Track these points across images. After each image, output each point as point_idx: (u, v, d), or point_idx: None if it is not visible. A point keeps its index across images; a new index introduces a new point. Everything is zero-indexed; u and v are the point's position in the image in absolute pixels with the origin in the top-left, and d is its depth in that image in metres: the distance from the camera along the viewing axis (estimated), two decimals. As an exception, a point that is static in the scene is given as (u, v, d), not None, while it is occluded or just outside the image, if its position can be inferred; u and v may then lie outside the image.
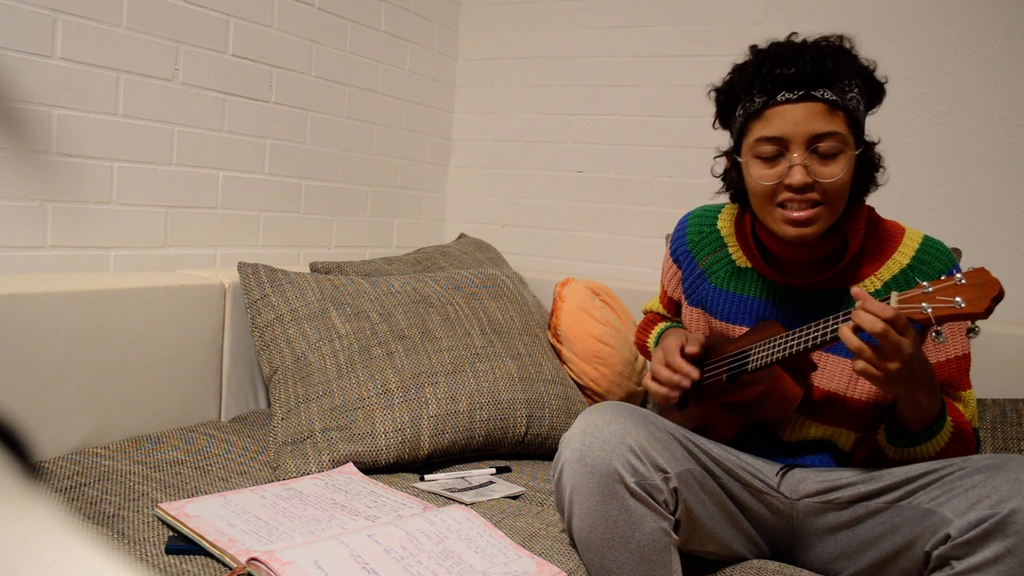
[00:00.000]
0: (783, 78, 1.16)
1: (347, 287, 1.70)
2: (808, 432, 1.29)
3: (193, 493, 1.27)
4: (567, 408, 1.72)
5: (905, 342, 1.03)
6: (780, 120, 1.17)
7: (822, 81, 1.15)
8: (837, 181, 1.16)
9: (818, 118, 1.15)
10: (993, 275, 1.00)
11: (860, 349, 1.05)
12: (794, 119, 1.16)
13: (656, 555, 1.12)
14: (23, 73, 1.46)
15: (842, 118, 1.16)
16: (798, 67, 1.15)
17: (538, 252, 2.56)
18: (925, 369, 1.09)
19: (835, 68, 1.16)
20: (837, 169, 1.16)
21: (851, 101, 1.17)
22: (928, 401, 1.11)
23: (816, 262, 1.28)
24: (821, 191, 1.17)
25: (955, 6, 2.01)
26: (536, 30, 2.54)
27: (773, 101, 1.17)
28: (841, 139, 1.16)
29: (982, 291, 0.99)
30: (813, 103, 1.15)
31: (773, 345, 1.20)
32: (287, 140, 2.05)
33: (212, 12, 1.81)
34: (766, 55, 1.20)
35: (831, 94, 1.15)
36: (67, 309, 1.38)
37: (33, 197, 1.50)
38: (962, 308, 0.99)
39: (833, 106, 1.15)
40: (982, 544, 0.99)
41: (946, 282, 1.02)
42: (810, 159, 1.16)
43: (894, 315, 1.02)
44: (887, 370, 1.04)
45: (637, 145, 2.40)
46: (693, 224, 1.45)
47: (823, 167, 1.16)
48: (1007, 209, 1.98)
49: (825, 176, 1.16)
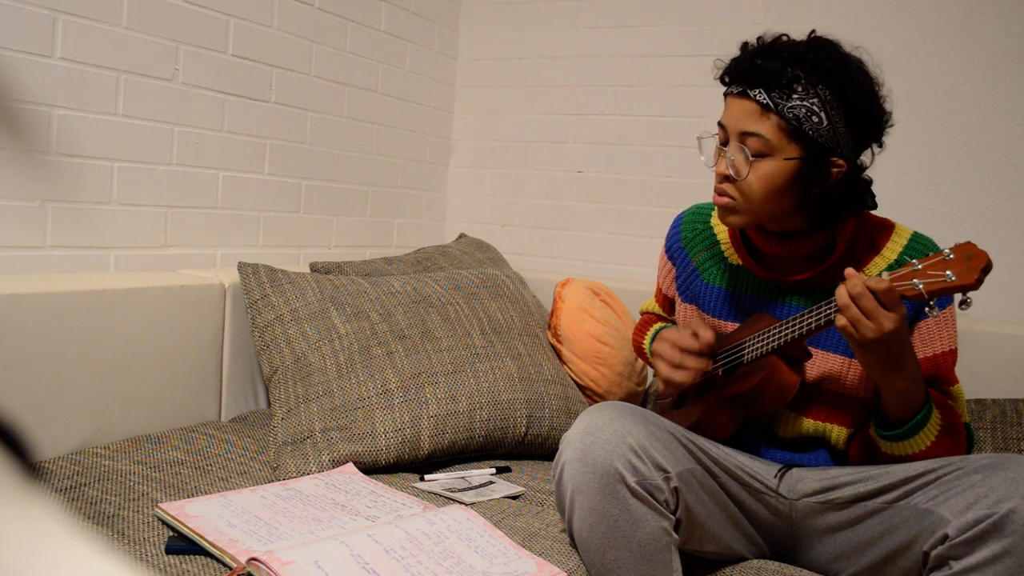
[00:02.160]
0: (735, 71, 1.23)
1: (347, 287, 1.70)
2: (802, 427, 1.30)
3: (193, 493, 1.27)
4: (567, 408, 1.72)
5: (887, 315, 1.05)
6: (725, 111, 1.24)
7: (760, 82, 1.18)
8: (751, 183, 1.20)
9: (748, 117, 1.19)
10: (980, 248, 1.01)
11: (847, 306, 1.07)
12: (732, 112, 1.22)
13: (657, 555, 1.12)
14: (23, 73, 1.46)
15: (775, 122, 1.17)
16: (741, 65, 1.21)
17: (538, 252, 2.56)
18: (904, 355, 1.11)
19: (777, 73, 1.16)
20: (753, 171, 1.20)
21: (795, 109, 1.16)
22: (905, 387, 1.12)
23: (804, 259, 1.29)
24: (737, 187, 1.22)
25: (955, 6, 2.01)
26: (536, 30, 2.54)
27: (727, 91, 1.24)
28: (764, 142, 1.18)
29: (971, 263, 1.01)
30: (746, 101, 1.20)
31: (768, 335, 1.22)
32: (287, 140, 2.05)
33: (212, 12, 1.81)
34: (742, 48, 1.26)
35: (764, 96, 1.17)
36: (67, 309, 1.38)
37: (33, 197, 1.50)
38: (953, 281, 1.01)
39: (765, 108, 1.17)
40: (980, 544, 0.99)
41: (935, 258, 1.04)
42: (738, 154, 1.21)
43: (886, 287, 1.05)
44: (863, 334, 1.07)
45: (637, 145, 2.40)
46: (687, 222, 1.47)
47: (744, 165, 1.20)
48: (1007, 209, 1.98)
49: (739, 174, 1.21)
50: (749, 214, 1.23)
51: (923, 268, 1.04)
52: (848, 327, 1.08)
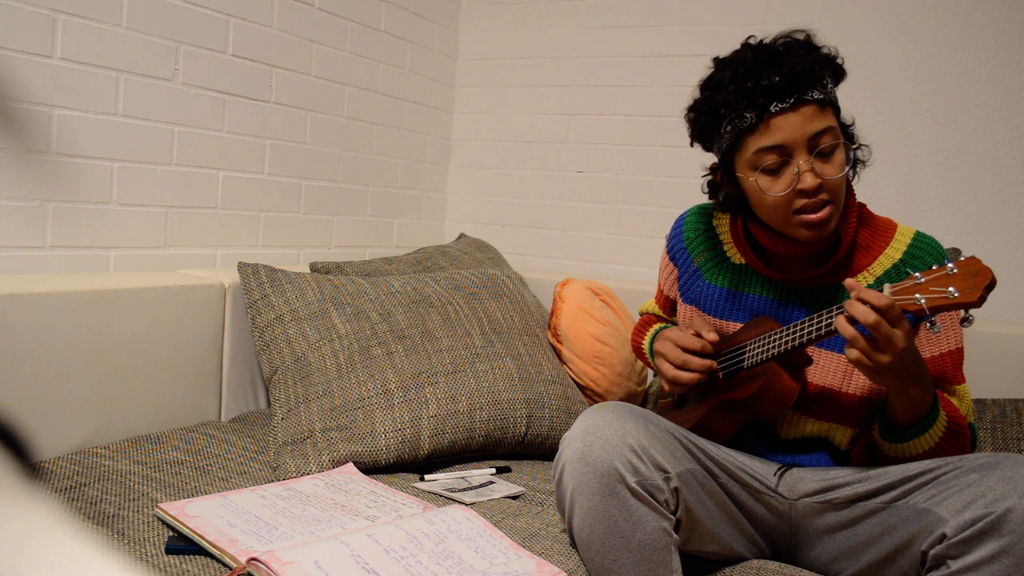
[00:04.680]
0: (772, 88, 1.16)
1: (347, 287, 1.70)
2: (805, 429, 1.30)
3: (193, 493, 1.27)
4: (567, 408, 1.72)
5: (898, 334, 1.04)
6: (778, 130, 1.17)
7: (808, 82, 1.16)
8: (842, 176, 1.19)
9: (813, 119, 1.16)
10: (985, 263, 0.99)
11: (855, 338, 1.05)
12: (791, 126, 1.16)
13: (657, 555, 1.12)
14: (23, 73, 1.46)
15: (831, 112, 1.19)
16: (782, 74, 1.15)
17: (538, 252, 2.56)
18: (916, 363, 1.10)
19: (814, 65, 1.17)
20: (838, 164, 1.19)
21: (832, 93, 1.20)
22: (918, 395, 1.11)
23: (810, 258, 1.29)
24: (828, 189, 1.19)
25: (955, 6, 2.01)
26: (536, 30, 2.54)
27: (768, 113, 1.17)
28: (835, 132, 1.18)
29: (975, 280, 0.98)
30: (805, 106, 1.16)
31: (768, 341, 1.21)
32: (287, 140, 2.05)
33: (212, 12, 1.81)
34: (742, 67, 1.19)
35: (818, 92, 1.17)
36: (67, 309, 1.38)
37: (33, 197, 1.51)
38: (955, 298, 0.99)
39: (822, 104, 1.17)
40: (977, 543, 0.99)
41: (938, 272, 1.02)
42: (814, 161, 1.18)
43: (888, 304, 1.03)
44: (879, 362, 1.05)
45: (637, 145, 2.40)
46: (690, 222, 1.46)
47: (826, 165, 1.18)
48: (1007, 209, 1.98)
49: (829, 174, 1.18)
50: (839, 213, 1.22)
51: (925, 282, 1.02)
52: (862, 359, 1.06)
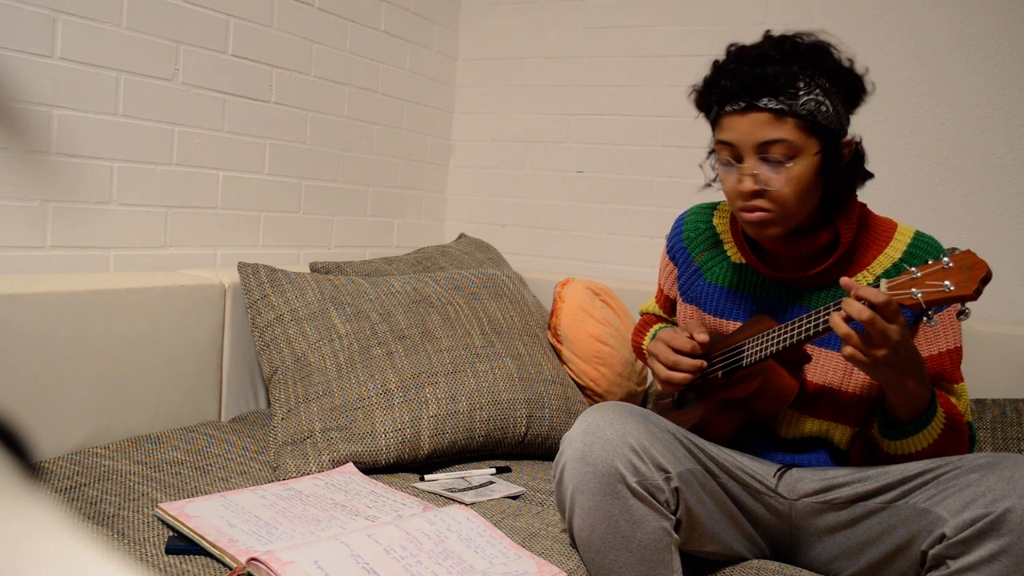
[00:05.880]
0: (727, 91, 1.19)
1: (347, 287, 1.70)
2: (804, 428, 1.30)
3: (193, 493, 1.27)
4: (567, 408, 1.72)
5: (893, 328, 1.04)
6: (730, 129, 1.20)
7: (766, 91, 1.16)
8: (784, 189, 1.18)
9: (764, 127, 1.16)
10: (980, 256, 1.00)
11: (848, 335, 1.06)
12: (741, 129, 1.19)
13: (657, 555, 1.12)
14: (23, 73, 1.46)
15: (792, 124, 1.16)
16: (738, 80, 1.17)
17: (538, 252, 2.56)
18: (912, 356, 1.10)
19: (780, 75, 1.15)
20: (788, 178, 1.17)
21: (806, 105, 1.16)
22: (916, 388, 1.12)
23: (808, 257, 1.29)
24: (771, 198, 1.19)
25: (955, 6, 2.01)
26: (536, 30, 2.54)
27: (722, 112, 1.21)
28: (789, 145, 1.16)
29: (970, 273, 0.99)
30: (757, 113, 1.17)
31: (767, 339, 1.21)
32: (287, 140, 2.05)
33: (212, 12, 1.81)
34: (720, 66, 1.22)
35: (775, 103, 1.16)
36: (67, 309, 1.38)
37: (33, 197, 1.51)
38: (952, 291, 0.99)
39: (779, 114, 1.16)
40: (977, 543, 0.99)
41: (934, 266, 1.02)
42: (761, 166, 1.18)
43: (884, 300, 1.03)
44: (874, 356, 1.06)
45: (637, 145, 2.40)
46: (690, 221, 1.46)
47: (773, 174, 1.18)
48: (1007, 209, 1.98)
49: (773, 184, 1.18)
50: (785, 221, 1.22)
51: (921, 277, 1.03)
52: (857, 355, 1.07)
